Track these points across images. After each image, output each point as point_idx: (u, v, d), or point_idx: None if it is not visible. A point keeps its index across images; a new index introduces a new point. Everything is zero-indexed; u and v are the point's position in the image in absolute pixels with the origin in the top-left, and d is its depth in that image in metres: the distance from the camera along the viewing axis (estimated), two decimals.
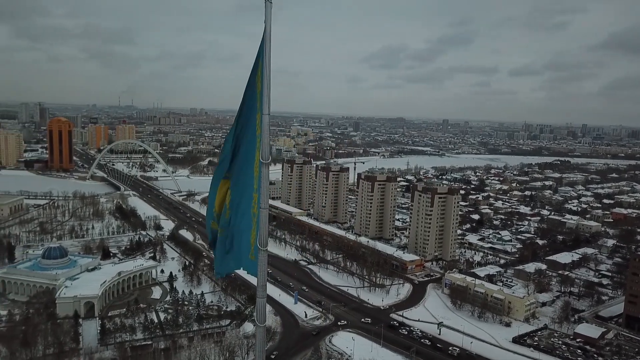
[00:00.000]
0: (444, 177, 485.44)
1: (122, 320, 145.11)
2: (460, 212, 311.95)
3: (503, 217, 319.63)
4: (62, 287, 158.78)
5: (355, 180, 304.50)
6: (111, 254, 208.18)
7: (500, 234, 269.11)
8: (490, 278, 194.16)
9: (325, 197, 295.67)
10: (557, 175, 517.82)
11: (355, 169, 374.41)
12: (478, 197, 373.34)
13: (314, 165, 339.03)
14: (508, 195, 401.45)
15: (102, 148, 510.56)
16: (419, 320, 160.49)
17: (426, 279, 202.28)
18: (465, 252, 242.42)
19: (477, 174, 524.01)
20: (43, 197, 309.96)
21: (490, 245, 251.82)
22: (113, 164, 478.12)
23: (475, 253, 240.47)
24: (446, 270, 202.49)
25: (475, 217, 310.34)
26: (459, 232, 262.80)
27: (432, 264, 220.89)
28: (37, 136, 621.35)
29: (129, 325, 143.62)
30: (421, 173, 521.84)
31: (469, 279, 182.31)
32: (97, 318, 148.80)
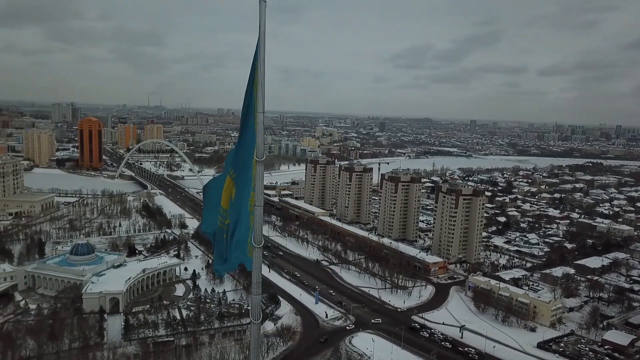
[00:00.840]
0: (470, 178, 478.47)
1: (145, 317, 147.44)
2: (486, 214, 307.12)
3: (531, 219, 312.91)
4: (88, 282, 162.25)
5: (379, 180, 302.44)
6: (137, 251, 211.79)
7: (527, 237, 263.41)
8: (515, 282, 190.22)
9: (348, 197, 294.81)
10: (588, 177, 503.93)
11: (379, 170, 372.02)
12: (505, 199, 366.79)
13: (338, 165, 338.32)
14: (536, 197, 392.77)
15: (130, 147, 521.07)
16: (440, 323, 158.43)
17: (449, 281, 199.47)
18: (490, 255, 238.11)
19: (505, 175, 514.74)
20: (73, 195, 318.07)
21: (516, 248, 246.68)
22: (141, 163, 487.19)
23: (500, 256, 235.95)
24: (470, 273, 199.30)
25: (502, 219, 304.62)
26: (484, 234, 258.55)
27: (455, 266, 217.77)
28: (69, 135, 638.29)
29: (152, 321, 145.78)
30: (447, 174, 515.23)
31: (493, 282, 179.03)
32: (122, 314, 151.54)
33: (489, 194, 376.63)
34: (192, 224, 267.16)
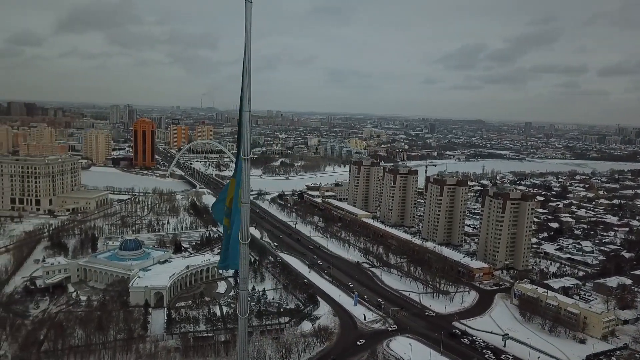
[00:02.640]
0: (522, 182, 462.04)
1: (187, 312, 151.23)
2: (537, 220, 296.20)
3: (585, 226, 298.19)
4: (135, 277, 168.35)
5: (425, 183, 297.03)
6: (182, 248, 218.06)
7: (580, 245, 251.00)
8: (565, 291, 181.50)
9: (392, 199, 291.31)
10: None
11: (426, 172, 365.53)
12: (559, 205, 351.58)
13: (382, 167, 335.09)
14: (593, 203, 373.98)
15: (181, 147, 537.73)
16: (483, 331, 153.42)
17: (494, 287, 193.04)
18: (539, 262, 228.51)
19: (560, 180, 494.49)
20: (126, 193, 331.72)
21: (568, 255, 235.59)
22: (191, 163, 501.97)
23: (550, 263, 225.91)
24: (516, 280, 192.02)
25: (554, 225, 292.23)
26: (534, 240, 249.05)
27: (502, 272, 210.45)
28: (125, 136, 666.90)
29: (193, 317, 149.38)
30: (498, 178, 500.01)
31: (540, 290, 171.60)
32: (165, 308, 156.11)
33: (541, 198, 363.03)
34: None
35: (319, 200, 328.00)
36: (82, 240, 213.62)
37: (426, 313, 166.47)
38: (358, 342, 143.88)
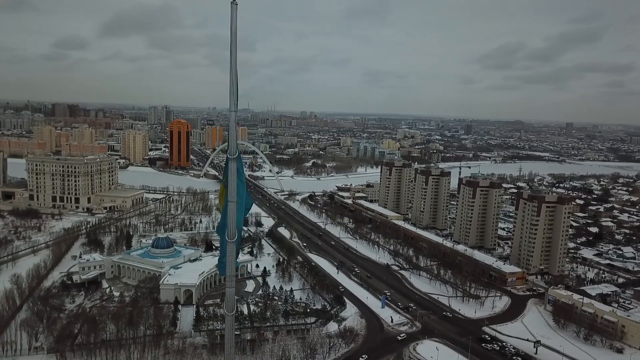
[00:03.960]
0: (561, 185, 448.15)
1: (215, 310, 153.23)
2: (575, 224, 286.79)
3: (628, 231, 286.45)
4: (166, 274, 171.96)
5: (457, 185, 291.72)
6: (213, 247, 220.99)
7: (621, 250, 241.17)
8: (603, 298, 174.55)
9: (424, 201, 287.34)
10: None
11: (460, 174, 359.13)
12: (599, 209, 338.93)
13: (414, 168, 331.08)
14: (637, 207, 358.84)
15: (216, 148, 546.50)
16: (516, 337, 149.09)
17: (527, 293, 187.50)
18: (577, 267, 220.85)
19: (602, 182, 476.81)
20: (161, 192, 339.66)
21: (608, 261, 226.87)
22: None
23: (588, 269, 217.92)
24: (551, 285, 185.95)
25: (594, 230, 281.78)
26: (572, 245, 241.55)
27: (536, 277, 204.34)
28: (162, 136, 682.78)
29: (220, 314, 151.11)
30: (535, 180, 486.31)
31: (576, 296, 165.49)
32: (194, 305, 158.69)
33: (580, 202, 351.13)
34: (268, 222, 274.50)
35: (350, 201, 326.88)
36: (117, 238, 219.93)
37: (444, 313, 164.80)
38: (398, 337, 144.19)
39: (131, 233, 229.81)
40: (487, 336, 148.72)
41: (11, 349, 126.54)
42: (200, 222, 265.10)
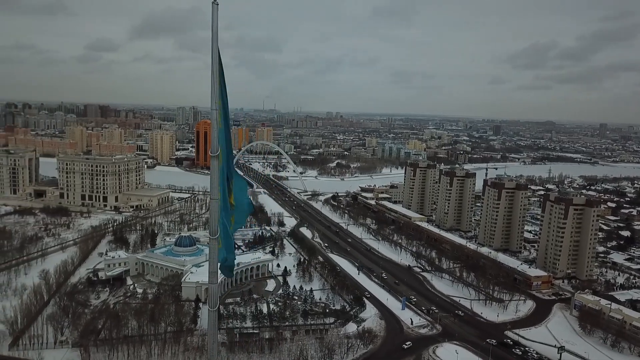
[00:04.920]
0: (592, 187, 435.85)
1: (234, 308, 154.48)
2: (606, 227, 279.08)
3: None
4: (188, 272, 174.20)
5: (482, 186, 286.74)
6: (236, 246, 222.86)
7: None
8: (633, 304, 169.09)
9: (448, 203, 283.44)
10: None
11: (486, 175, 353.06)
12: (632, 212, 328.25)
13: (439, 169, 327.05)
14: None
15: (241, 148, 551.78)
16: (539, 342, 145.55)
17: (553, 297, 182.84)
18: (606, 272, 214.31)
19: (636, 185, 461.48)
20: (186, 191, 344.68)
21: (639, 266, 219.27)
22: (250, 164, 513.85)
23: (618, 274, 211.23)
24: (578, 290, 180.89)
25: (625, 233, 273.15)
26: (601, 249, 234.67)
27: (563, 282, 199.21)
28: (189, 136, 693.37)
29: (240, 313, 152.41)
30: (565, 182, 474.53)
31: (603, 301, 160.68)
32: None
33: (612, 205, 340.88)
34: (290, 222, 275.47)
35: (373, 202, 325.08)
36: (143, 236, 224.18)
37: (456, 311, 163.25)
38: (404, 345, 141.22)
39: (156, 231, 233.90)
40: (509, 340, 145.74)
41: (37, 342, 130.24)
42: None
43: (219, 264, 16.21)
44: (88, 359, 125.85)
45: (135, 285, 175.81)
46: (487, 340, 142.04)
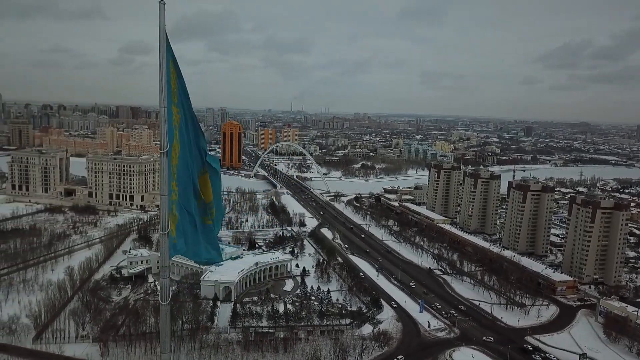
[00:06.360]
0: (626, 190, 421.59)
1: (251, 307, 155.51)
2: (638, 232, 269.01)
3: None
4: (207, 271, 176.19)
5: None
6: (257, 246, 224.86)
7: None
8: None
9: (472, 205, 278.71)
10: None
11: (514, 177, 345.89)
12: None
13: (463, 170, 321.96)
14: None
15: (267, 149, 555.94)
16: (561, 349, 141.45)
17: (578, 303, 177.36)
18: (636, 278, 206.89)
19: None
20: None
21: None
22: (275, 164, 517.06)
23: None
24: (604, 296, 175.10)
25: None
26: (632, 254, 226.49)
27: (589, 287, 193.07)
28: (217, 137, 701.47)
29: (256, 312, 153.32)
30: (598, 185, 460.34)
31: (630, 308, 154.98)
32: (233, 302, 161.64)
33: None
34: (311, 223, 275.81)
35: (396, 203, 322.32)
36: None
37: (484, 339, 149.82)
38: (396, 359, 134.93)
39: None
40: (529, 346, 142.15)
41: (60, 336, 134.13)
42: (247, 220, 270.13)
43: (207, 256, 16.80)
44: (107, 354, 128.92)
45: (156, 282, 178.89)
46: (506, 345, 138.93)
